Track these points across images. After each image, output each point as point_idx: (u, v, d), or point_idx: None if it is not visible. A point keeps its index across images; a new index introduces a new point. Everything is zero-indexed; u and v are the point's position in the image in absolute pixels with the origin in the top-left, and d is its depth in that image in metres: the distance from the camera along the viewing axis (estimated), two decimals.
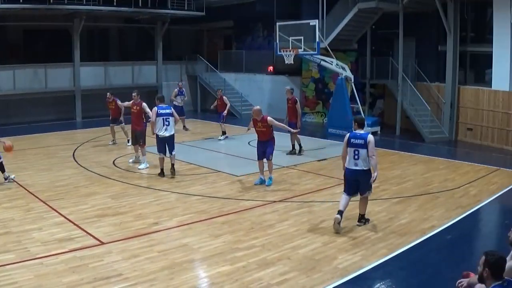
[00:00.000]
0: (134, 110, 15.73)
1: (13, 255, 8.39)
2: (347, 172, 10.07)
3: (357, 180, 10.00)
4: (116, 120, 19.21)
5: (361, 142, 9.77)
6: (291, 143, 17.65)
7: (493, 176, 15.04)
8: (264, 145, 13.55)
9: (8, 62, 25.41)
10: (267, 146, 13.50)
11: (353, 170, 9.95)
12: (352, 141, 9.89)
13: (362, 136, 9.84)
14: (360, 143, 9.78)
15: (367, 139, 9.75)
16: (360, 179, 9.97)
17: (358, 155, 9.80)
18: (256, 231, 9.98)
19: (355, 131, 10.03)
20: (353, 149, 9.85)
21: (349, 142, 9.92)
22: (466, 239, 10.09)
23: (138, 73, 30.18)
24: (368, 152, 9.71)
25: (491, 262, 4.98)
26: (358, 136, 9.88)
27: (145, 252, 8.71)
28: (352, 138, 9.92)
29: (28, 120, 24.83)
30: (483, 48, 21.41)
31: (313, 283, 7.61)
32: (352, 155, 9.87)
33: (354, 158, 9.87)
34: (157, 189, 13.03)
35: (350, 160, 9.95)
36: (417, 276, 8.14)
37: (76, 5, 25.14)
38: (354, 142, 9.86)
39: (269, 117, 13.36)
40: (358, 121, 10.21)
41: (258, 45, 31.77)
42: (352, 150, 9.86)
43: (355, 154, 9.83)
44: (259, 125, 13.44)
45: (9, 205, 11.36)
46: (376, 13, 23.87)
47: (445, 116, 22.03)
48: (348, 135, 10.07)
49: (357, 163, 9.86)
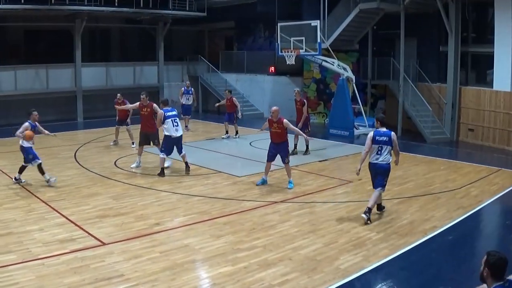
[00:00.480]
0: (144, 112, 15.48)
1: (14, 256, 8.39)
2: (371, 166, 10.95)
3: (376, 173, 10.84)
4: (123, 122, 19.19)
5: (385, 139, 10.66)
6: (293, 143, 17.65)
7: (495, 177, 15.03)
8: (277, 148, 13.55)
9: (9, 63, 25.45)
10: (280, 150, 13.50)
11: (374, 164, 10.85)
12: (377, 138, 10.71)
13: (386, 133, 10.71)
14: (384, 140, 10.66)
15: (391, 137, 10.65)
16: (379, 172, 10.81)
17: (381, 151, 10.71)
18: (257, 231, 9.99)
19: (378, 129, 10.88)
20: (377, 145, 10.71)
21: (374, 139, 10.72)
22: (468, 240, 10.08)
23: (140, 73, 30.20)
24: (393, 147, 10.71)
25: (491, 262, 4.98)
26: (382, 134, 10.72)
27: (147, 253, 8.71)
28: (376, 136, 10.73)
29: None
30: (485, 48, 21.40)
31: (314, 284, 7.61)
32: (376, 151, 10.75)
33: (377, 154, 10.76)
34: (158, 190, 13.03)
35: (373, 155, 10.82)
36: (418, 277, 8.14)
37: (78, 6, 25.16)
38: (379, 139, 10.70)
39: (285, 120, 13.33)
40: (380, 119, 11.08)
41: (259, 45, 31.79)
42: (376, 146, 10.73)
43: (379, 150, 10.72)
44: (274, 126, 13.44)
45: (10, 206, 11.36)
46: (378, 13, 23.85)
47: (447, 117, 22.02)
48: (373, 132, 10.86)
49: (379, 158, 10.75)
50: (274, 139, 13.60)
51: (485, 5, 21.94)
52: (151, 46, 31.42)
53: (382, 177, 10.85)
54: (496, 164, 16.75)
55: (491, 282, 4.98)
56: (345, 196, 12.78)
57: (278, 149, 13.50)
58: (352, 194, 12.96)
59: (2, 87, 24.80)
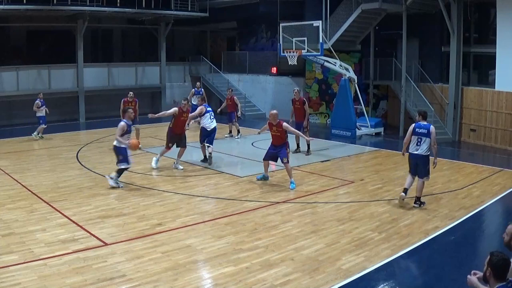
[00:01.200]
0: (184, 117, 15.54)
1: (16, 256, 8.40)
2: (411, 156, 11.83)
3: (417, 163, 11.70)
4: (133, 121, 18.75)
5: (425, 132, 11.53)
6: (295, 142, 17.66)
7: (497, 177, 15.03)
8: (275, 149, 13.68)
9: (11, 63, 25.52)
10: (279, 150, 13.58)
11: (414, 154, 11.72)
12: (416, 130, 11.62)
13: (426, 126, 11.58)
14: (423, 132, 11.54)
15: (430, 130, 11.47)
16: (419, 162, 11.67)
17: (420, 142, 11.58)
18: (259, 232, 9.99)
19: (419, 122, 11.71)
20: (416, 137, 11.62)
21: (414, 131, 11.65)
22: (470, 240, 10.07)
23: (142, 74, 30.22)
24: (431, 141, 11.48)
25: (493, 262, 4.98)
26: (422, 127, 11.60)
27: (149, 253, 8.72)
28: (417, 128, 11.65)
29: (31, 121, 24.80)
30: (487, 49, 21.39)
31: (316, 284, 7.61)
32: (416, 142, 11.64)
33: (416, 145, 11.65)
34: (160, 190, 13.03)
35: (412, 146, 11.73)
36: (420, 277, 8.14)
37: (80, 6, 25.18)
38: (419, 131, 11.59)
39: (284, 123, 13.49)
40: (422, 113, 11.87)
41: (261, 46, 31.82)
42: (416, 138, 11.64)
43: (418, 141, 11.61)
44: (274, 129, 13.60)
45: (12, 206, 11.36)
46: (380, 14, 23.88)
47: (449, 117, 22.03)
48: (414, 125, 11.79)
49: (418, 149, 11.62)
50: (274, 142, 13.75)
51: (487, 5, 21.92)
52: (153, 47, 31.48)
53: (424, 167, 11.65)
54: (498, 165, 16.76)
55: (494, 283, 4.98)
56: (347, 197, 12.78)
57: (277, 150, 13.62)
58: (354, 195, 12.95)
59: (5, 87, 24.83)
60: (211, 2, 30.20)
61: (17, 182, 13.55)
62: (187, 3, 29.55)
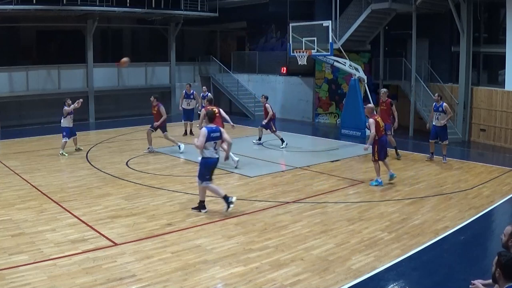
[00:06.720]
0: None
1: (26, 256, 8.43)
2: (433, 127, 16.85)
3: (437, 132, 16.72)
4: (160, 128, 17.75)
5: (441, 110, 16.48)
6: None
7: (506, 177, 14.95)
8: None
9: (21, 63, 25.59)
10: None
11: (435, 126, 16.75)
12: (435, 109, 16.65)
13: (441, 105, 16.51)
14: (440, 110, 16.49)
15: (444, 107, 16.46)
16: (439, 131, 16.70)
17: (438, 117, 16.60)
18: (269, 232, 9.98)
19: (436, 103, 16.65)
20: (436, 113, 16.62)
21: (434, 108, 16.69)
22: (479, 240, 10.03)
23: (151, 74, 30.26)
24: (447, 114, 16.53)
25: (503, 262, 4.96)
26: (439, 106, 16.56)
27: (158, 253, 8.73)
28: (435, 107, 16.68)
29: (41, 121, 24.92)
30: (496, 49, 21.31)
31: (326, 284, 7.60)
32: (435, 117, 16.65)
33: (436, 119, 16.66)
34: (170, 190, 13.05)
35: (433, 120, 16.75)
36: (430, 277, 8.10)
37: (89, 6, 25.22)
38: (435, 109, 16.64)
39: (370, 119, 13.79)
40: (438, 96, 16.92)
41: (271, 46, 31.75)
42: (435, 114, 16.63)
43: (436, 117, 16.62)
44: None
45: (22, 206, 11.41)
46: (389, 14, 23.84)
47: (458, 117, 21.94)
48: (434, 104, 16.79)
49: (437, 122, 16.67)
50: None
51: (496, 5, 21.85)
52: (163, 47, 31.49)
53: (443, 134, 16.72)
54: (508, 164, 16.67)
55: (504, 283, 4.96)
56: (356, 197, 12.75)
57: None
58: (363, 195, 12.92)
59: (14, 87, 24.90)
60: (220, 2, 30.17)
61: (27, 182, 13.60)
62: (197, 3, 29.56)
